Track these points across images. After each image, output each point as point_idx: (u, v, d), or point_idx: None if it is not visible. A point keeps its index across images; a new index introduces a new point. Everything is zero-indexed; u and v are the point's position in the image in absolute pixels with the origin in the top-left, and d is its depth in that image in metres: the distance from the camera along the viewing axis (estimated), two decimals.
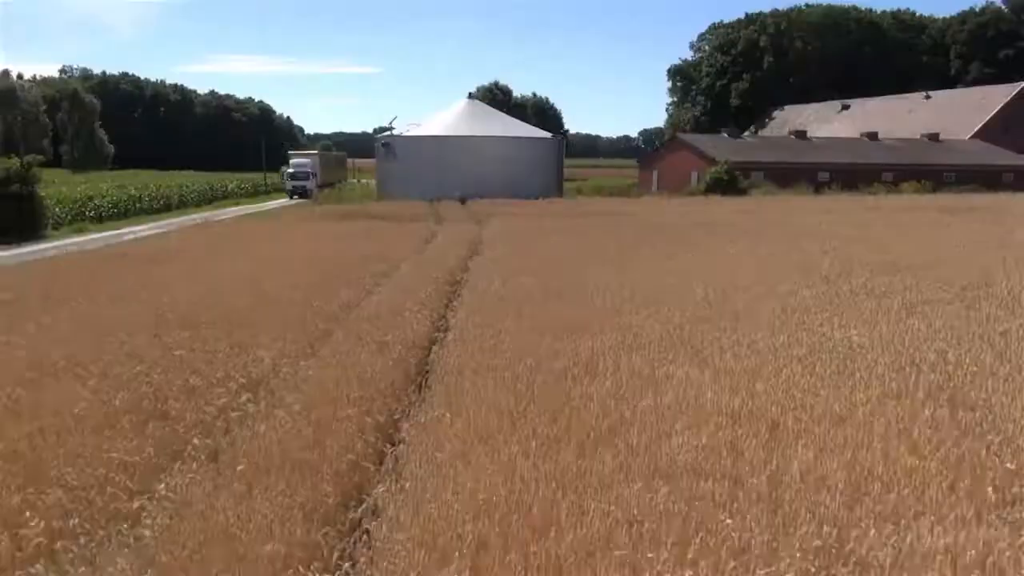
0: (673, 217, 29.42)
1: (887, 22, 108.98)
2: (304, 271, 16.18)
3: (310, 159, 64.41)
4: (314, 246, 20.92)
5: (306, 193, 57.33)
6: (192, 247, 20.50)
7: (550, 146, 53.35)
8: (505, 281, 14.23)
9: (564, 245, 19.98)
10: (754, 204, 36.89)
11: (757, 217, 28.35)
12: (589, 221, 27.69)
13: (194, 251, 19.54)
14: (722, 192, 49.05)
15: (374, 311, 11.68)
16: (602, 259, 17.42)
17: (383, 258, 18.50)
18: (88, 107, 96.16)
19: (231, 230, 25.64)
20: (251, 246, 21.08)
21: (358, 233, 24.38)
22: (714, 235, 22.41)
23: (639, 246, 19.92)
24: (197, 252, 19.34)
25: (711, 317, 10.78)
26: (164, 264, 16.79)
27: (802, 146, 60.08)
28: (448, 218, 31.90)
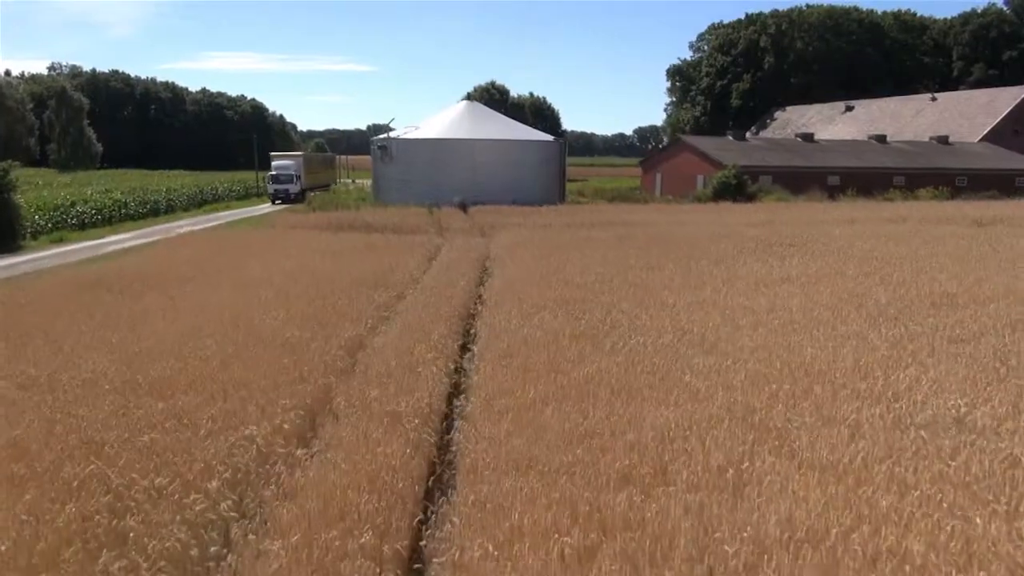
0: (690, 228, 27.80)
1: (888, 23, 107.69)
2: (299, 299, 14.50)
3: (294, 161, 58.55)
4: (309, 264, 19.22)
5: (289, 197, 53.96)
6: (174, 266, 18.75)
7: (552, 149, 51.64)
8: (527, 317, 12.59)
9: (582, 265, 18.33)
10: (768, 212, 35.31)
11: (777, 229, 26.75)
12: (603, 233, 26.05)
13: (176, 272, 17.81)
14: (731, 197, 47.49)
15: (382, 364, 10.00)
16: (628, 285, 15.79)
17: (386, 282, 16.82)
18: (76, 105, 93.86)
19: (218, 243, 23.90)
20: (239, 264, 19.37)
21: (356, 248, 22.70)
22: (742, 251, 20.80)
23: (663, 266, 18.30)
24: (179, 273, 17.60)
25: (776, 376, 9.18)
26: (140, 294, 15.05)
27: (810, 149, 58.55)
28: (451, 228, 30.23)
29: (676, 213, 35.66)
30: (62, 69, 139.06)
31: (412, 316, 13.25)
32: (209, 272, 17.82)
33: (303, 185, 57.17)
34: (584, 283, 15.99)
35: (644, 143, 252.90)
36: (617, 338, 11.12)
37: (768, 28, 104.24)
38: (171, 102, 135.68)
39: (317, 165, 70.36)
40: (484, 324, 12.71)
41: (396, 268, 18.93)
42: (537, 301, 14.07)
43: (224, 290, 15.48)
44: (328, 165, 78.92)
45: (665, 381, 8.90)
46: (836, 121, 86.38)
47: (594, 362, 9.75)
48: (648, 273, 17.42)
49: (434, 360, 10.26)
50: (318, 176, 68.14)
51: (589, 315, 12.82)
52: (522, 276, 17.03)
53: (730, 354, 10.15)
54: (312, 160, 68.67)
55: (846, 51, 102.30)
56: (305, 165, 59.97)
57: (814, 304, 13.87)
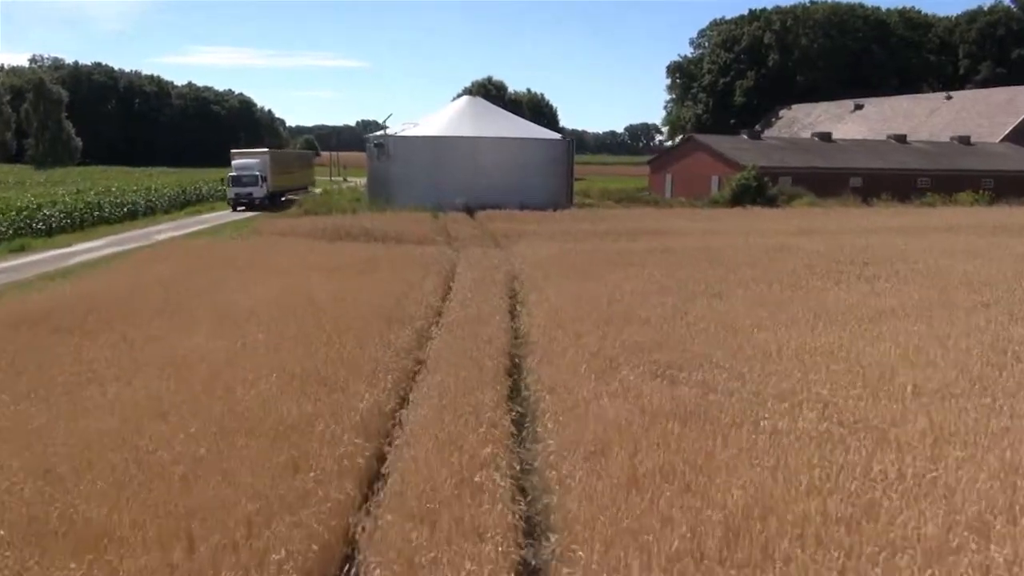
0: (731, 238, 24.74)
1: (894, 20, 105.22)
2: (296, 343, 11.31)
3: (258, 159, 48.43)
4: (305, 286, 16.00)
5: (253, 203, 45.55)
6: (142, 291, 15.44)
7: (559, 148, 48.46)
8: (600, 378, 9.48)
9: (635, 291, 15.22)
10: (805, 218, 32.34)
11: (833, 240, 23.75)
12: (634, 244, 22.95)
13: (143, 299, 14.53)
14: (751, 200, 44.51)
15: (421, 474, 6.80)
16: (705, 321, 12.68)
17: (401, 314, 13.63)
18: (54, 98, 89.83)
19: (197, 256, 20.60)
20: (221, 286, 16.12)
21: (358, 263, 19.50)
22: (812, 271, 17.74)
23: (732, 292, 15.24)
24: (147, 302, 14.33)
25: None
26: (93, 335, 11.79)
27: (829, 149, 55.66)
28: (460, 237, 27.05)
29: (702, 219, 32.58)
30: (44, 61, 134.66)
31: (445, 373, 10.07)
32: (183, 299, 14.55)
33: (270, 188, 48.31)
34: (650, 319, 12.86)
35: (635, 141, 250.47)
36: (739, 416, 8.02)
37: (772, 24, 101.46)
38: (156, 96, 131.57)
39: (289, 164, 58.86)
40: (543, 387, 9.54)
41: (409, 293, 15.75)
42: (601, 347, 10.95)
43: (200, 329, 12.24)
44: (304, 164, 65.70)
45: (874, 517, 5.77)
46: (845, 120, 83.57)
47: (737, 471, 6.63)
48: (720, 303, 14.32)
49: (494, 459, 7.10)
50: (291, 177, 57.26)
51: (682, 372, 9.72)
52: (568, 307, 13.88)
53: (928, 454, 7.06)
54: (282, 158, 57.65)
55: (852, 49, 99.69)
56: (273, 164, 50.10)
57: (956, 351, 10.81)
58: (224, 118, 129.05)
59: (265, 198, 46.47)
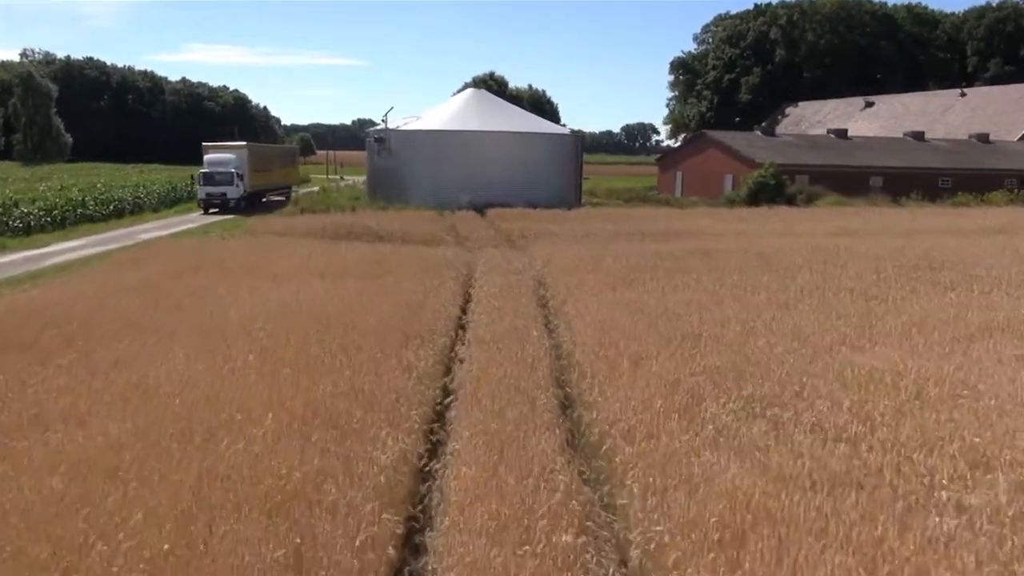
0: (769, 239, 22.67)
1: (902, 15, 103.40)
2: (298, 370, 9.18)
3: (234, 155, 42.11)
4: (306, 295, 13.88)
5: (227, 204, 39.86)
6: (117, 299, 13.28)
7: (568, 144, 46.29)
8: (691, 424, 7.39)
9: (688, 301, 13.14)
10: (839, 218, 30.30)
11: (872, 240, 21.73)
12: (667, 246, 20.84)
13: (117, 310, 12.37)
14: (769, 200, 42.46)
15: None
16: (782, 337, 10.61)
17: (419, 329, 11.53)
18: (43, 91, 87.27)
19: (184, 258, 18.44)
20: (208, 294, 13.98)
21: (364, 266, 17.36)
22: (880, 277, 15.68)
23: (798, 302, 13.16)
24: (121, 313, 12.18)
25: None
26: (48, 356, 9.63)
27: (846, 146, 53.64)
28: (472, 237, 24.92)
29: (729, 219, 30.46)
30: (34, 56, 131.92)
31: (485, 408, 7.97)
32: (162, 311, 12.41)
33: (248, 188, 42.42)
34: (718, 336, 10.77)
35: (632, 141, 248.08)
36: (903, 487, 5.93)
37: (779, 19, 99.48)
38: (149, 92, 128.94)
39: (271, 160, 51.36)
40: (615, 430, 7.42)
41: (426, 302, 13.64)
42: (671, 374, 8.87)
43: (179, 348, 10.10)
44: (287, 161, 57.49)
45: None
46: (856, 118, 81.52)
47: None
48: (789, 316, 12.23)
49: (579, 555, 5.00)
50: (272, 176, 50.20)
51: (785, 411, 7.64)
52: (615, 321, 11.78)
53: None
54: (263, 154, 50.08)
55: (860, 44, 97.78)
56: (252, 160, 43.64)
57: None
58: (218, 115, 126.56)
59: (241, 199, 40.95)
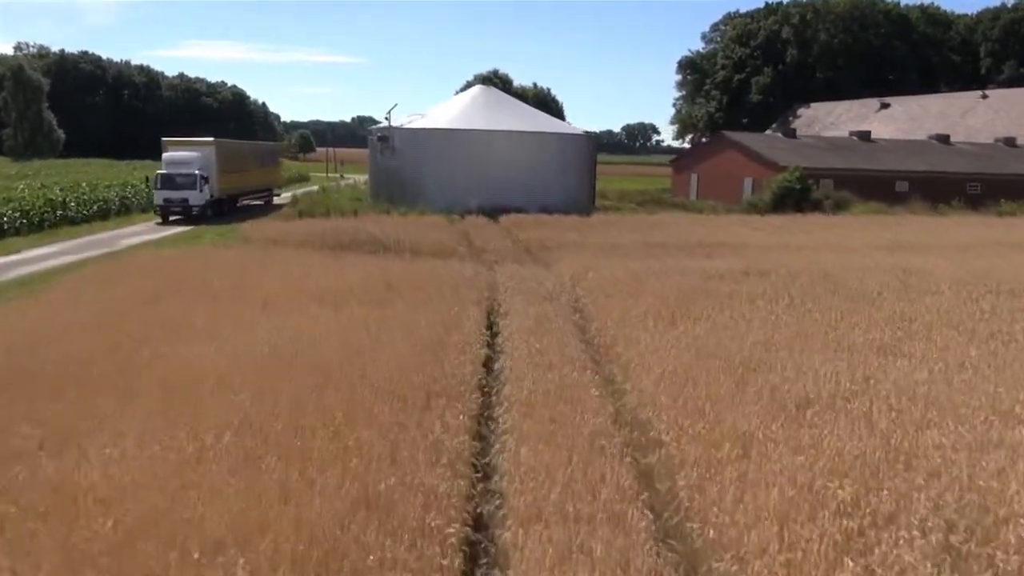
0: (820, 254, 20.23)
1: (915, 16, 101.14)
2: (279, 462, 6.75)
3: (199, 153, 35.47)
4: (301, 327, 11.46)
5: (189, 211, 33.83)
6: (50, 343, 10.75)
7: (582, 145, 43.83)
8: (863, 555, 4.97)
9: (762, 343, 10.73)
10: (881, 227, 27.89)
11: (941, 255, 19.33)
12: (713, 267, 18.38)
13: (67, 350, 9.95)
14: (795, 206, 40.11)
15: None
16: (912, 402, 8.21)
17: (441, 381, 9.13)
18: (34, 85, 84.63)
19: (162, 274, 15.98)
20: (183, 325, 11.55)
21: (370, 289, 14.92)
22: (994, 310, 13.27)
23: (906, 344, 10.75)
24: (71, 352, 9.76)
25: None
26: None
27: (869, 149, 51.27)
28: (487, 248, 22.48)
29: (766, 228, 27.96)
30: (29, 49, 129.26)
31: (554, 530, 5.55)
32: (123, 356, 9.96)
33: (217, 191, 36.02)
34: (839, 404, 8.35)
35: (632, 141, 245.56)
36: None
37: (791, 18, 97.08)
38: (146, 87, 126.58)
39: (246, 160, 43.17)
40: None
41: (448, 339, 11.22)
42: (811, 478, 6.45)
43: (134, 415, 7.67)
44: (267, 160, 48.65)
45: None
46: (870, 120, 79.07)
47: None
48: (910, 366, 9.82)
49: None
50: (248, 177, 42.52)
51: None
52: (690, 372, 9.36)
53: None
54: (235, 152, 41.90)
55: (873, 45, 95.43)
56: (221, 160, 36.88)
57: None
58: (216, 111, 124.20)
59: (207, 206, 34.69)
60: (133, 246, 24.31)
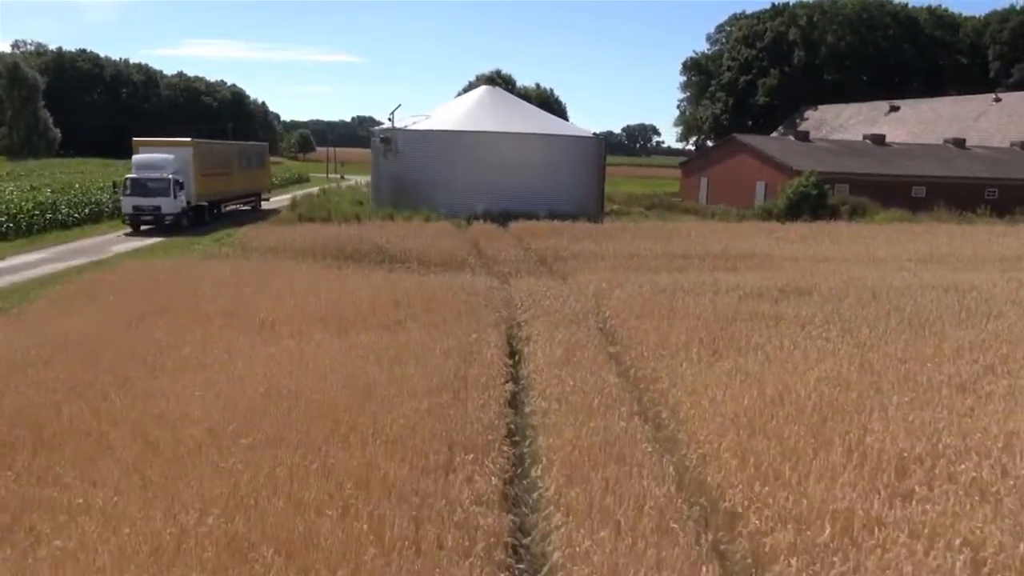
0: (854, 268, 18.91)
1: (924, 18, 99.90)
2: (276, 559, 5.45)
3: (173, 155, 31.75)
4: (297, 365, 10.13)
5: (161, 220, 30.29)
6: (15, 377, 9.45)
7: (591, 147, 42.49)
8: None
9: (827, 381, 9.41)
10: (910, 237, 26.60)
11: (985, 274, 18.00)
12: (746, 281, 17.06)
13: (13, 402, 8.62)
14: (811, 212, 38.84)
15: None
16: None
17: (466, 432, 7.82)
18: (30, 83, 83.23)
19: (140, 296, 14.57)
20: (158, 365, 10.20)
21: (378, 310, 13.60)
22: None
23: (991, 385, 9.43)
24: (18, 404, 8.43)
25: None
26: None
27: (884, 153, 49.97)
28: (499, 259, 21.16)
29: (789, 237, 26.58)
30: (26, 47, 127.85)
31: None
32: (94, 397, 8.62)
33: (194, 197, 32.52)
34: (925, 461, 7.04)
35: (633, 142, 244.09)
36: None
37: (798, 19, 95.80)
38: (144, 86, 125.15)
39: (229, 163, 38.43)
40: None
41: (467, 373, 9.90)
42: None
43: (105, 479, 6.35)
44: (253, 163, 43.37)
45: None
46: (880, 123, 77.82)
47: None
48: (1002, 411, 8.50)
49: None
50: (231, 181, 38.24)
51: None
52: (755, 419, 8.06)
53: None
54: (216, 154, 37.21)
55: (881, 47, 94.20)
56: (198, 163, 33.14)
57: None
58: (215, 110, 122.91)
59: (183, 214, 31.17)
60: (122, 254, 22.89)
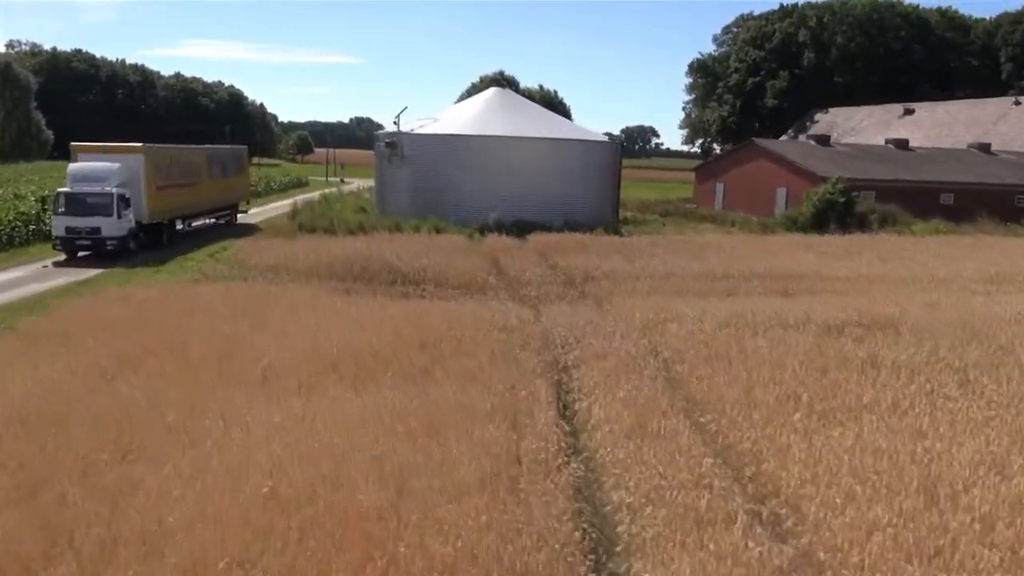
0: (929, 291, 16.90)
1: (935, 19, 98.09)
2: None
3: (120, 164, 25.39)
4: (307, 443, 8.11)
5: (103, 247, 23.83)
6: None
7: (607, 152, 40.40)
8: None
9: (980, 465, 7.41)
10: (960, 252, 24.62)
11: None
12: (820, 314, 15.02)
13: None
14: (839, 220, 36.89)
15: None
16: None
17: (514, 529, 5.82)
18: (22, 84, 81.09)
19: (121, 332, 12.50)
20: (138, 428, 8.19)
21: (397, 350, 11.56)
22: None
23: None
24: None
25: None
26: None
27: (909, 159, 48.00)
28: (523, 279, 19.13)
29: (833, 252, 24.53)
30: (21, 47, 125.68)
31: None
32: (46, 497, 6.57)
33: (145, 215, 25.96)
34: None
35: (632, 144, 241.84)
36: None
37: (808, 20, 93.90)
38: (141, 87, 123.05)
39: (193, 171, 31.45)
40: None
41: (519, 448, 7.89)
42: None
43: None
44: (227, 169, 36.08)
45: None
46: (893, 126, 75.85)
47: None
48: None
49: None
50: (197, 192, 31.51)
51: None
52: (915, 534, 6.04)
53: None
54: (175, 161, 29.77)
55: (892, 49, 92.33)
56: (151, 172, 26.62)
57: None
58: (212, 111, 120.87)
59: (130, 237, 24.71)
60: (103, 275, 20.65)
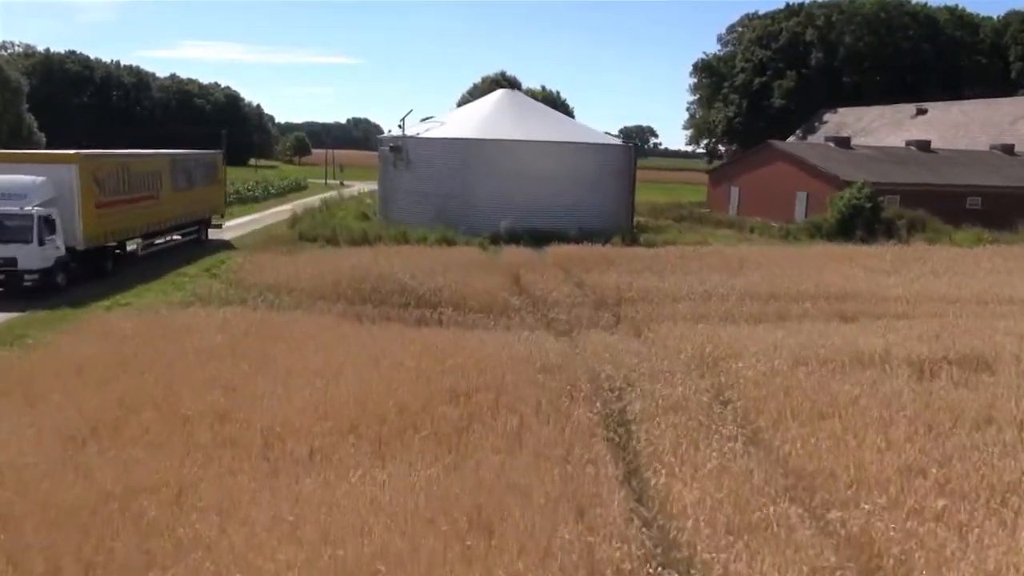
0: (1008, 318, 15.16)
1: (944, 18, 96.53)
2: None
3: (44, 178, 20.28)
4: (320, 518, 6.36)
5: (20, 282, 18.91)
6: None
7: (621, 156, 38.63)
8: None
9: None
10: (1008, 260, 22.86)
11: None
12: (902, 349, 13.26)
13: None
14: (866, 227, 35.21)
15: None
16: None
17: None
18: (12, 86, 79.04)
19: (98, 382, 10.57)
20: (112, 527, 6.42)
21: (423, 399, 9.82)
22: None
23: None
24: None
25: None
26: None
27: (932, 161, 46.27)
28: (550, 301, 17.34)
29: (879, 265, 22.76)
30: (14, 48, 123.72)
31: None
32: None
33: (80, 240, 21.14)
34: None
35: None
36: None
37: (815, 19, 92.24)
38: (135, 88, 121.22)
39: (151, 181, 26.02)
40: None
41: (592, 552, 6.13)
42: None
43: None
44: (200, 176, 30.89)
45: None
46: (905, 126, 74.17)
47: None
48: None
49: None
50: (159, 207, 26.41)
51: None
52: None
53: None
54: (127, 170, 24.37)
55: (901, 48, 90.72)
56: (88, 186, 21.65)
57: None
58: (208, 113, 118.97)
59: (53, 270, 19.89)
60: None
